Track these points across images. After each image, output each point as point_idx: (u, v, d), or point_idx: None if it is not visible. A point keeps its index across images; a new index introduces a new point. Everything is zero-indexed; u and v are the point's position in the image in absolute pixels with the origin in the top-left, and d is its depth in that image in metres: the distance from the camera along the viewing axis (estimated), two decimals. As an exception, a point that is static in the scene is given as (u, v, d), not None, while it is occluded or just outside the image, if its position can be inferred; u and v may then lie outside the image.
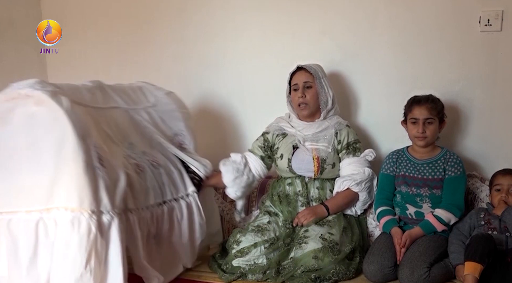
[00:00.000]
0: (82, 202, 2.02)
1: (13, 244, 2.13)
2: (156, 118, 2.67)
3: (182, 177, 2.60)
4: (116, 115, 2.49)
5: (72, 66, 3.60)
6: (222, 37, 3.27)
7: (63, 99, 2.09)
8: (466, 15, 2.78)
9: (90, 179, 2.04)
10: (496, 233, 2.32)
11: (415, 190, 2.58)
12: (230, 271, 2.46)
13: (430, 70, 2.89)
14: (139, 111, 2.62)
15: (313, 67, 2.76)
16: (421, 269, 2.26)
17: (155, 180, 2.43)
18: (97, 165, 2.08)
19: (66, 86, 2.31)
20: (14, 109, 2.12)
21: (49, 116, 2.07)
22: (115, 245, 2.09)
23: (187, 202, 2.57)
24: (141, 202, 2.31)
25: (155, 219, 2.39)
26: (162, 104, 2.73)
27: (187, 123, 2.77)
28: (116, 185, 2.15)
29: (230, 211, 2.95)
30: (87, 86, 2.43)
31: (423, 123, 2.56)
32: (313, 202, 2.71)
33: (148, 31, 3.43)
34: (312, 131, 2.78)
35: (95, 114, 2.32)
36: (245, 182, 2.78)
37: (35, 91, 2.08)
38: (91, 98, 2.40)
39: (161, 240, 2.44)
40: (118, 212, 2.13)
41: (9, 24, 3.41)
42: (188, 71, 3.27)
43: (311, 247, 2.39)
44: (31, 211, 2.10)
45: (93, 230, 2.02)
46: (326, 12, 3.02)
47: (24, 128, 2.11)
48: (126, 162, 2.32)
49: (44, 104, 2.07)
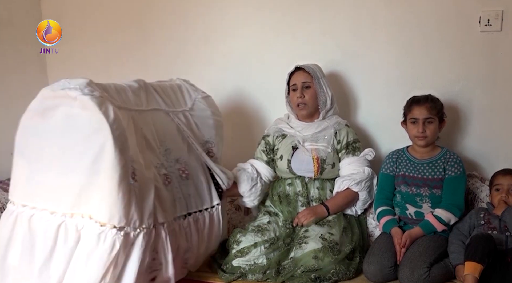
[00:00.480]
0: (112, 217, 2.00)
1: (30, 240, 2.11)
2: (192, 123, 2.62)
3: (210, 189, 2.58)
4: (157, 118, 2.45)
5: (72, 66, 3.59)
6: (221, 37, 3.27)
7: (109, 109, 2.04)
8: (466, 15, 2.78)
9: (123, 195, 2.01)
10: (496, 233, 2.33)
11: (415, 190, 2.59)
12: (230, 271, 2.46)
13: (430, 70, 2.89)
14: (178, 114, 2.58)
15: (311, 67, 2.76)
16: (421, 269, 2.26)
17: (180, 191, 2.41)
18: (130, 181, 2.06)
19: (113, 87, 2.27)
20: (58, 107, 2.08)
21: (92, 124, 2.02)
22: (134, 262, 2.08)
23: (210, 213, 2.55)
24: (170, 214, 2.30)
25: (183, 232, 2.38)
26: (198, 109, 2.67)
27: (218, 131, 2.72)
28: (146, 200, 2.13)
29: (230, 211, 2.95)
30: (132, 87, 2.39)
31: (423, 123, 2.56)
32: (313, 202, 2.71)
33: (148, 31, 3.42)
34: (312, 132, 2.78)
35: (137, 118, 2.30)
36: (260, 189, 2.80)
37: (84, 96, 2.02)
38: (136, 100, 2.37)
39: (192, 254, 2.44)
40: (146, 227, 2.11)
41: (9, 24, 3.40)
42: (188, 71, 3.25)
43: (311, 247, 2.39)
44: (54, 212, 2.09)
45: (117, 247, 2.01)
46: (326, 12, 3.02)
47: (63, 128, 2.08)
48: (156, 173, 2.29)
49: (89, 110, 2.02)
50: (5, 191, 2.70)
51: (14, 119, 2.27)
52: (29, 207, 2.14)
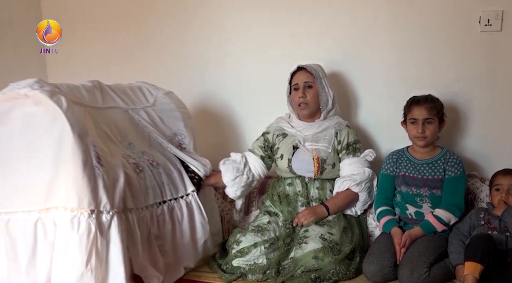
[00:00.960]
0: (81, 201, 2.03)
1: (11, 245, 2.13)
2: (155, 118, 2.66)
3: (182, 177, 2.60)
4: (115, 115, 2.49)
5: (72, 66, 3.60)
6: (222, 37, 3.27)
7: (61, 99, 2.09)
8: (466, 15, 2.78)
9: (88, 179, 2.04)
10: (496, 233, 2.33)
11: (415, 190, 2.58)
12: (230, 271, 2.46)
13: (430, 70, 2.89)
14: (139, 111, 2.61)
15: (313, 67, 2.76)
16: (421, 269, 2.26)
17: (154, 179, 2.43)
18: (95, 164, 2.08)
19: (65, 86, 2.31)
20: (13, 109, 2.12)
21: (47, 116, 2.07)
22: (116, 244, 2.09)
23: (187, 201, 2.57)
24: (141, 201, 2.31)
25: (155, 219, 2.39)
26: (161, 103, 2.72)
27: (186, 123, 2.77)
28: (115, 185, 2.16)
29: (230, 211, 2.95)
30: (86, 86, 2.43)
31: (423, 123, 2.56)
32: (313, 202, 2.71)
33: (148, 31, 3.43)
34: (312, 131, 2.78)
35: (94, 114, 2.32)
36: (245, 181, 2.78)
37: (33, 91, 2.08)
38: (90, 98, 2.40)
39: (164, 241, 2.44)
40: (118, 211, 2.13)
41: (9, 24, 3.41)
42: (188, 71, 3.27)
43: (311, 247, 2.39)
44: (29, 211, 2.10)
45: (93, 230, 2.03)
46: (327, 12, 3.02)
47: (22, 128, 2.11)
48: (125, 161, 2.32)
49: (42, 103, 2.07)
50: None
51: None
52: (4, 213, 2.15)
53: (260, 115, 3.11)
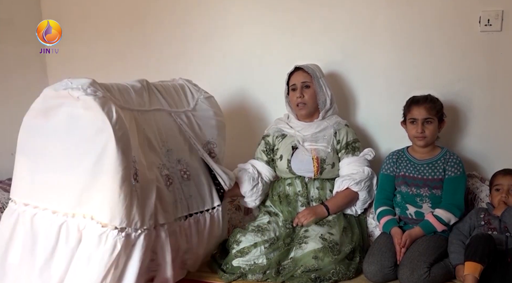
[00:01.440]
0: (113, 218, 2.00)
1: (31, 239, 2.11)
2: (194, 124, 2.63)
3: (211, 190, 2.59)
4: (160, 118, 2.46)
5: (72, 66, 3.59)
6: (221, 37, 3.27)
7: (112, 109, 2.03)
8: (466, 15, 2.78)
9: (125, 196, 2.01)
10: (496, 233, 2.33)
11: (415, 190, 2.58)
12: (230, 271, 2.45)
13: (430, 70, 2.89)
14: (180, 114, 2.58)
15: (310, 67, 2.76)
16: (421, 269, 2.26)
17: (182, 193, 2.42)
18: (132, 181, 2.06)
19: (116, 88, 2.27)
20: (61, 106, 2.07)
21: (95, 124, 2.02)
22: (135, 262, 2.08)
23: (211, 215, 2.57)
24: (170, 215, 2.30)
25: (183, 233, 2.38)
26: (201, 109, 2.68)
27: (220, 132, 2.73)
28: (147, 201, 2.13)
29: (230, 211, 2.94)
30: (135, 87, 2.39)
31: (422, 123, 2.56)
32: (313, 202, 2.71)
33: (148, 30, 3.42)
34: (311, 131, 2.78)
35: (140, 118, 2.30)
36: (262, 189, 2.79)
37: (87, 96, 2.02)
38: (138, 100, 2.37)
39: (192, 254, 2.45)
40: (147, 228, 2.11)
41: (9, 24, 3.40)
42: (188, 70, 3.26)
43: (311, 247, 2.39)
44: (56, 212, 2.09)
45: (118, 248, 2.01)
46: (326, 12, 3.01)
47: (65, 128, 2.07)
48: (158, 173, 2.30)
49: (92, 110, 2.01)
50: (5, 191, 2.70)
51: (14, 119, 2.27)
52: (31, 206, 2.14)
53: (261, 115, 3.11)
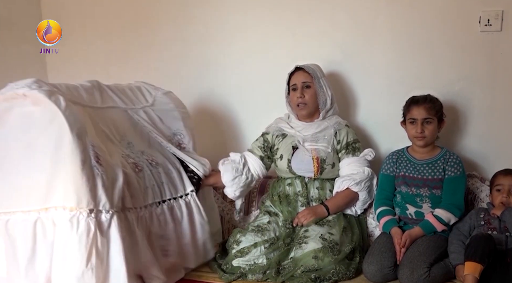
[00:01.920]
0: (80, 201, 2.03)
1: (11, 245, 2.13)
2: (154, 117, 2.66)
3: (181, 177, 2.60)
4: (114, 115, 2.49)
5: (72, 66, 3.59)
6: (222, 37, 3.27)
7: (60, 98, 2.09)
8: (466, 15, 2.78)
9: (87, 178, 2.04)
10: (496, 233, 2.32)
11: (415, 190, 2.58)
12: (230, 271, 2.46)
13: (430, 70, 2.89)
14: (138, 111, 2.61)
15: (311, 67, 2.76)
16: (421, 269, 2.26)
17: (153, 179, 2.43)
18: (94, 164, 2.09)
19: (63, 86, 2.31)
20: (11, 109, 2.12)
21: (45, 116, 2.07)
22: (116, 243, 2.09)
23: (186, 201, 2.57)
24: (140, 201, 2.31)
25: (155, 218, 2.39)
26: (160, 103, 2.72)
27: (185, 123, 2.77)
28: (114, 184, 2.16)
29: (230, 211, 2.95)
30: (85, 86, 2.43)
31: (422, 123, 2.56)
32: (313, 202, 2.71)
33: (148, 31, 3.43)
34: (312, 132, 2.78)
35: (93, 114, 2.33)
36: (244, 182, 2.77)
37: (32, 91, 2.08)
38: (89, 98, 2.40)
39: (167, 240, 2.44)
40: (117, 210, 2.13)
41: (9, 24, 3.41)
42: (188, 71, 3.27)
43: (311, 247, 2.39)
44: (28, 211, 2.10)
45: (92, 229, 2.03)
46: (327, 12, 3.02)
47: (20, 128, 2.11)
48: (124, 161, 2.32)
49: (41, 103, 2.07)
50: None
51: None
52: (3, 213, 2.15)
53: (261, 115, 3.11)
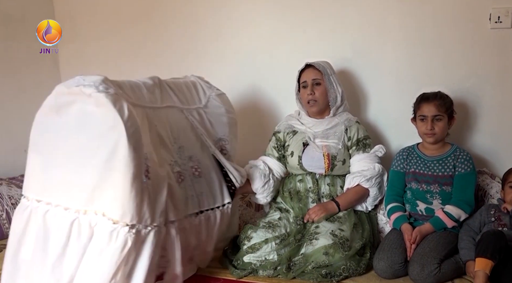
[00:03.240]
0: (124, 214, 2.01)
1: (44, 236, 2.12)
2: (206, 121, 2.63)
3: (221, 187, 2.59)
4: (172, 115, 2.46)
5: (84, 63, 3.62)
6: (232, 34, 3.28)
7: (124, 106, 2.03)
8: (476, 12, 2.78)
9: (136, 193, 2.01)
10: (507, 229, 2.32)
11: (425, 186, 2.59)
12: (241, 267, 2.47)
13: (440, 67, 2.89)
14: (192, 111, 2.58)
15: (321, 64, 2.76)
16: (431, 265, 2.27)
17: (193, 189, 2.42)
18: (143, 178, 2.06)
19: (128, 85, 2.28)
20: (73, 104, 2.08)
21: (106, 121, 2.02)
22: (145, 259, 2.08)
23: (222, 212, 2.56)
24: (181, 212, 2.31)
25: (194, 229, 2.39)
26: (213, 106, 2.68)
27: (231, 129, 2.73)
28: (158, 198, 2.14)
29: (240, 207, 2.95)
30: (147, 84, 2.40)
31: (432, 120, 2.56)
32: (324, 199, 2.72)
33: (159, 27, 3.44)
34: (322, 128, 2.79)
35: (151, 115, 2.31)
36: (273, 186, 2.80)
37: (98, 94, 2.02)
38: (150, 97, 2.37)
39: (200, 251, 2.46)
40: (157, 225, 2.12)
41: (22, 21, 3.43)
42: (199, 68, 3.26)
43: (321, 243, 2.40)
44: (68, 208, 2.09)
45: (129, 244, 2.01)
46: (337, 9, 3.02)
47: (78, 125, 2.08)
48: (170, 170, 2.31)
49: (104, 107, 2.02)
50: (18, 188, 2.71)
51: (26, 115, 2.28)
52: (44, 202, 2.14)
53: (271, 112, 3.12)
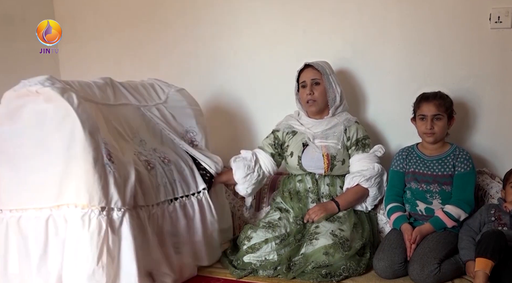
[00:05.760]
0: (92, 198, 2.03)
1: (23, 242, 2.14)
2: (167, 115, 2.67)
3: (193, 174, 2.61)
4: (127, 112, 2.49)
5: (84, 63, 3.62)
6: (232, 34, 3.28)
7: (72, 96, 2.09)
8: (476, 12, 2.78)
9: (99, 176, 2.05)
10: (507, 229, 2.33)
11: (425, 186, 2.59)
12: (241, 267, 2.47)
13: (440, 67, 2.89)
14: (150, 108, 2.62)
15: (320, 64, 2.77)
16: (431, 265, 2.27)
17: (165, 176, 2.44)
18: (106, 162, 2.09)
19: (76, 83, 2.31)
20: (24, 106, 2.12)
21: (58, 113, 2.08)
22: (128, 241, 2.10)
23: (198, 199, 2.57)
24: (151, 198, 2.32)
25: (167, 216, 2.40)
26: (173, 100, 2.73)
27: (198, 120, 2.77)
28: (126, 182, 2.16)
29: (241, 207, 2.96)
30: (98, 83, 2.44)
31: (431, 119, 2.56)
32: (324, 199, 2.72)
33: (159, 28, 3.45)
34: (321, 128, 2.79)
35: (105, 111, 2.34)
36: (256, 179, 2.78)
37: (44, 88, 2.08)
38: (102, 95, 2.41)
39: (179, 238, 2.45)
40: (129, 208, 2.14)
41: (22, 21, 3.43)
42: (199, 68, 3.28)
43: (321, 243, 2.40)
44: (41, 208, 2.11)
45: (104, 227, 2.04)
46: (338, 9, 3.02)
47: (33, 125, 2.12)
48: (136, 158, 2.33)
49: (53, 101, 2.07)
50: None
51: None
52: (15, 210, 2.16)
53: (271, 112, 3.11)
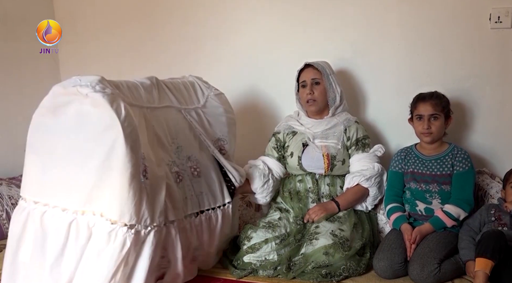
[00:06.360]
0: (122, 215, 2.00)
1: (42, 237, 2.11)
2: (204, 121, 2.62)
3: (221, 187, 2.59)
4: (169, 115, 2.46)
5: (83, 62, 3.62)
6: (231, 34, 3.28)
7: (121, 106, 2.03)
8: (476, 12, 2.78)
9: (134, 193, 2.01)
10: (507, 229, 2.33)
11: (424, 186, 2.59)
12: (241, 267, 2.47)
13: (440, 67, 2.89)
14: (190, 111, 2.58)
15: (320, 64, 2.77)
16: (431, 265, 2.27)
17: (192, 189, 2.42)
18: (141, 178, 2.06)
19: (125, 85, 2.27)
20: (70, 104, 2.07)
21: (103, 121, 2.02)
22: (145, 260, 2.07)
23: (223, 212, 2.56)
24: (180, 212, 2.30)
25: (194, 229, 2.39)
26: (211, 106, 2.67)
27: (230, 129, 2.72)
28: (157, 198, 2.13)
29: (240, 207, 2.95)
30: (144, 84, 2.40)
31: (428, 119, 2.57)
32: (324, 199, 2.73)
33: (158, 28, 3.45)
34: (321, 128, 2.79)
35: (149, 115, 2.31)
36: (272, 186, 2.80)
37: (95, 94, 2.02)
38: (148, 97, 2.37)
39: (202, 250, 2.45)
40: (157, 225, 2.11)
41: (22, 21, 3.43)
42: (198, 67, 3.26)
43: (321, 243, 2.40)
44: (66, 209, 2.09)
45: (128, 245, 2.00)
46: (338, 9, 3.03)
47: (74, 125, 2.07)
48: (168, 170, 2.30)
49: (101, 108, 2.01)
50: (18, 188, 2.71)
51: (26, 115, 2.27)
52: (41, 204, 2.14)
53: (271, 112, 3.12)
